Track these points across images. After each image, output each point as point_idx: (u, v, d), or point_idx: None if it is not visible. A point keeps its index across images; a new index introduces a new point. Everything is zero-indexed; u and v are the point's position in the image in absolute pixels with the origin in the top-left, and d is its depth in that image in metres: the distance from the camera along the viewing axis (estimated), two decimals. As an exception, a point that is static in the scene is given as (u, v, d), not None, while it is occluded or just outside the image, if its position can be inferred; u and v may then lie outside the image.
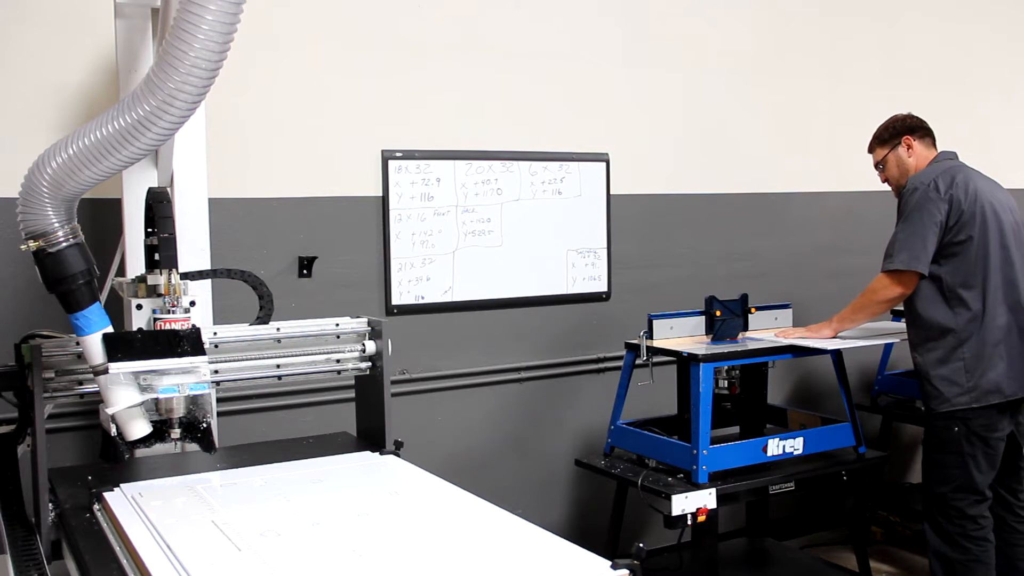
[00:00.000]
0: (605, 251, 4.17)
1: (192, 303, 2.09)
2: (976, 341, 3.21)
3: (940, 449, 3.28)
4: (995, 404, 3.21)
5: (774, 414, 3.78)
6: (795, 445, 3.42)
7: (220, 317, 2.76)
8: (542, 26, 3.99)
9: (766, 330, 3.73)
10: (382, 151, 3.66)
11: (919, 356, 3.32)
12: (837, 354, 3.62)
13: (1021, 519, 3.40)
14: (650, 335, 3.49)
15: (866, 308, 3.43)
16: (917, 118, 3.57)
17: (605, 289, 4.18)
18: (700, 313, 3.66)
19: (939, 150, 3.53)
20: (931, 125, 3.58)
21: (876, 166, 3.60)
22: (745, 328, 3.67)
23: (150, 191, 2.14)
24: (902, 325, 3.66)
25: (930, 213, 3.22)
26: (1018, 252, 3.33)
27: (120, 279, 2.38)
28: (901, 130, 3.53)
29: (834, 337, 3.50)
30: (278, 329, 2.50)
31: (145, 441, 2.07)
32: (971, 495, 3.23)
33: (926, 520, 3.35)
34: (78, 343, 2.06)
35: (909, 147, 3.49)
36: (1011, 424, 3.29)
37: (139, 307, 2.08)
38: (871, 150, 3.62)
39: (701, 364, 3.22)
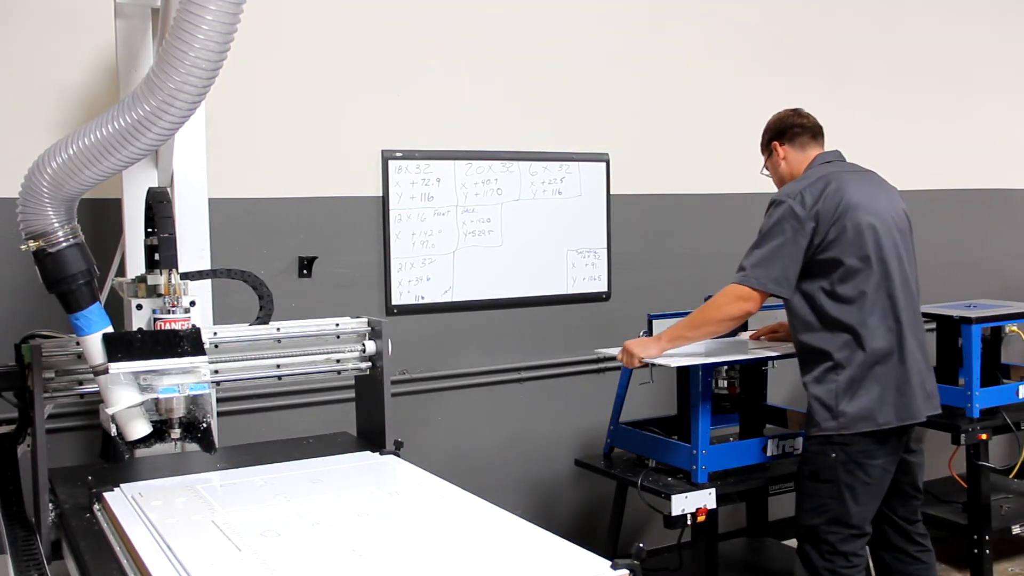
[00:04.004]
0: (605, 251, 4.17)
1: (192, 303, 2.08)
2: (852, 363, 2.89)
3: (815, 477, 2.95)
4: (869, 432, 2.87)
5: (774, 414, 3.77)
6: (795, 445, 3.41)
7: (220, 317, 2.76)
8: (542, 26, 3.99)
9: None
10: (382, 151, 3.66)
11: (803, 377, 3.01)
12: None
13: (923, 548, 3.13)
14: (650, 335, 3.48)
15: (705, 325, 3.04)
16: (792, 116, 3.23)
17: (605, 289, 4.18)
18: (700, 313, 3.65)
19: (826, 149, 3.21)
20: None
21: (763, 171, 3.36)
22: (745, 327, 3.66)
23: (150, 191, 2.14)
24: (743, 338, 3.55)
25: (792, 230, 2.90)
26: (896, 264, 2.96)
27: (120, 279, 2.38)
28: (772, 135, 3.24)
29: (660, 355, 3.14)
30: (278, 329, 2.51)
31: (145, 441, 2.07)
32: (846, 529, 2.91)
33: (797, 553, 3.05)
34: (78, 343, 2.06)
35: (779, 154, 3.21)
36: (893, 454, 2.95)
37: (139, 307, 2.08)
38: (762, 154, 3.35)
39: (701, 364, 3.22)
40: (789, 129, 3.21)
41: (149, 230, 2.13)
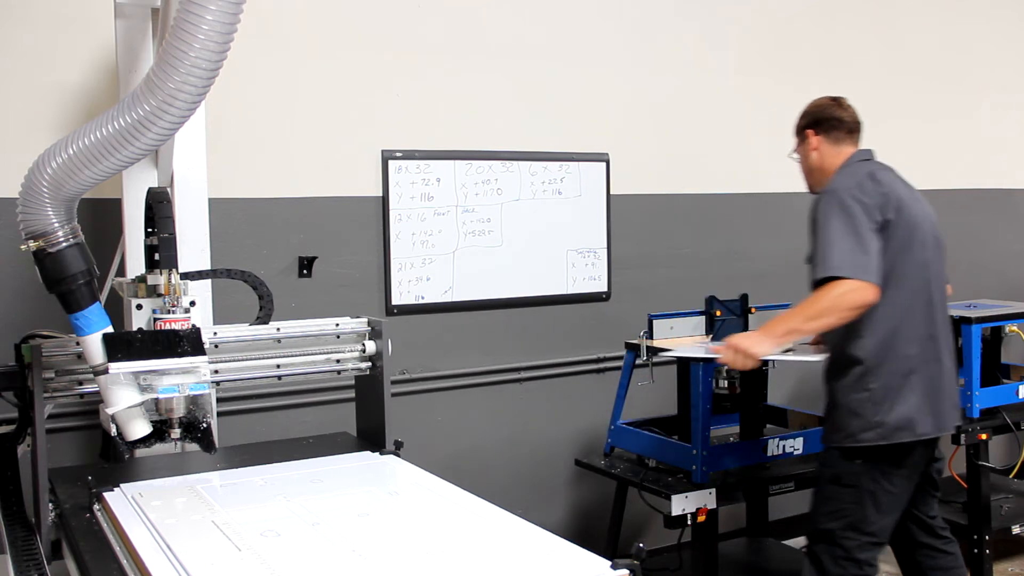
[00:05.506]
0: (605, 251, 4.17)
1: (192, 303, 2.09)
2: (885, 370, 2.74)
3: (836, 481, 2.81)
4: (906, 443, 2.74)
5: (774, 414, 3.78)
6: (795, 445, 3.41)
7: (220, 317, 2.76)
8: (543, 26, 3.99)
9: (691, 338, 3.42)
10: (382, 151, 3.66)
11: (829, 383, 2.86)
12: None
13: (948, 540, 3.04)
14: (650, 335, 3.49)
15: (831, 313, 2.66)
16: (832, 107, 3.03)
17: (605, 289, 4.18)
18: (700, 313, 3.65)
19: (860, 147, 3.02)
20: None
21: (792, 154, 3.16)
22: (746, 328, 3.66)
23: (150, 191, 2.14)
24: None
25: (863, 218, 2.70)
26: (936, 269, 2.85)
27: (120, 279, 2.39)
28: (808, 122, 3.05)
29: (772, 352, 2.84)
30: (278, 329, 2.51)
31: (145, 441, 2.07)
32: (863, 536, 2.77)
33: (807, 555, 2.90)
34: (78, 343, 2.06)
35: (811, 144, 3.02)
36: (918, 465, 2.83)
37: (139, 307, 2.08)
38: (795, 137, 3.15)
39: (701, 364, 3.22)
40: (827, 120, 3.00)
41: (149, 230, 2.13)
